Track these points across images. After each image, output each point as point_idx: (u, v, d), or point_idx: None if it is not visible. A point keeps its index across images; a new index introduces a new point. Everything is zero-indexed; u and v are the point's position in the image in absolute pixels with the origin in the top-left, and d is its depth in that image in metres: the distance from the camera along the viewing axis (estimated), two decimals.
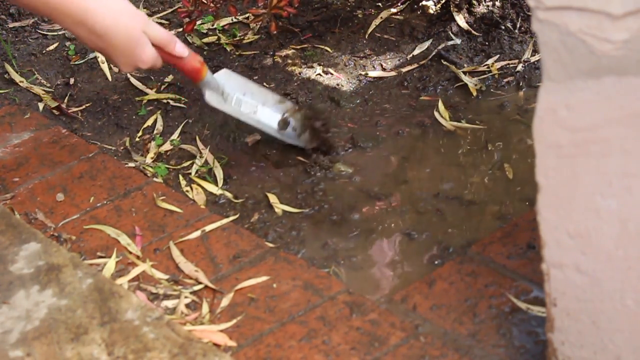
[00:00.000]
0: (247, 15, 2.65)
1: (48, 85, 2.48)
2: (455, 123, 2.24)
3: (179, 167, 2.17)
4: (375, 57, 2.48)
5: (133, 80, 2.46)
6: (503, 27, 2.49)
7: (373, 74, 2.43)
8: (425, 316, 1.72)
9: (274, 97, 2.20)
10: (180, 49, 2.03)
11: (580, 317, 1.44)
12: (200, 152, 2.20)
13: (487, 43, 2.47)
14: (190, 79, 2.10)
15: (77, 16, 1.88)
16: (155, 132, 2.28)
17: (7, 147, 2.23)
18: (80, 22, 1.89)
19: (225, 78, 2.15)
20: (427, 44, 2.48)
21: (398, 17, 2.59)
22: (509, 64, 2.41)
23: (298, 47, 2.52)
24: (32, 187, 2.10)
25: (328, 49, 2.51)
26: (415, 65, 2.43)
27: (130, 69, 1.99)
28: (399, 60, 2.47)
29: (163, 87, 2.44)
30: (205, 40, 2.60)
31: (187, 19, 2.41)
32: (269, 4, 2.32)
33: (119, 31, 1.92)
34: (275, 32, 2.37)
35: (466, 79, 2.36)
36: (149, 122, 2.31)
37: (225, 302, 1.77)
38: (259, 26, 2.62)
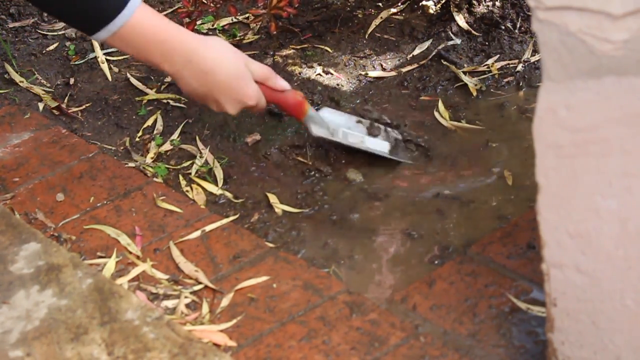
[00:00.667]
0: (247, 15, 2.65)
1: (48, 85, 2.48)
2: (455, 123, 2.24)
3: (179, 167, 2.17)
4: (375, 57, 2.48)
5: (133, 80, 2.46)
6: (503, 27, 2.49)
7: (373, 74, 2.43)
8: (425, 316, 1.72)
9: (377, 127, 2.18)
10: (281, 82, 2.06)
11: (580, 317, 1.44)
12: (200, 152, 2.20)
13: (487, 43, 2.47)
14: (293, 116, 2.10)
15: (185, 55, 1.94)
16: (155, 132, 2.28)
17: (7, 147, 2.23)
18: (188, 61, 1.94)
19: (328, 114, 2.14)
20: (427, 44, 2.48)
21: (398, 17, 2.59)
22: (509, 64, 2.41)
23: (298, 47, 2.52)
24: (32, 187, 2.10)
25: (328, 49, 2.51)
26: (415, 65, 2.43)
27: (236, 108, 2.00)
28: (399, 60, 2.47)
29: (163, 87, 2.43)
30: None
31: (187, 20, 2.41)
32: (269, 4, 2.32)
33: (224, 65, 1.97)
34: (275, 32, 2.37)
35: (466, 79, 2.36)
36: (149, 122, 2.31)
37: (225, 302, 1.77)
38: (258, 26, 2.62)
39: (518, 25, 2.49)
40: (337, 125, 2.14)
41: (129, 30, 1.90)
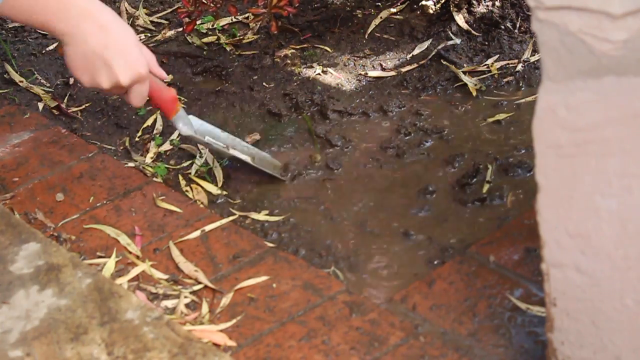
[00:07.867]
0: (246, 14, 2.65)
1: (48, 85, 2.48)
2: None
3: (178, 167, 2.18)
4: (375, 57, 2.48)
5: None
6: (503, 27, 2.49)
7: (373, 73, 2.43)
8: (425, 316, 1.72)
9: (241, 142, 2.15)
10: (162, 71, 1.98)
11: (580, 317, 1.44)
12: (200, 152, 2.20)
13: (486, 43, 2.47)
14: (163, 111, 2.03)
15: (83, 9, 1.81)
16: (154, 131, 2.28)
17: (7, 147, 2.23)
18: (86, 15, 1.81)
19: (197, 121, 2.10)
20: (426, 44, 2.49)
21: (398, 17, 2.59)
22: (508, 63, 2.41)
23: (298, 47, 2.52)
24: (31, 187, 2.10)
25: (328, 49, 2.51)
26: (415, 65, 2.43)
27: (128, 75, 1.85)
28: (398, 60, 2.47)
29: None
30: (205, 40, 2.60)
31: (187, 19, 2.41)
32: (269, 4, 2.32)
33: (122, 24, 1.86)
34: (275, 32, 2.37)
35: (466, 78, 2.36)
36: (149, 122, 2.32)
37: (225, 302, 1.77)
38: (258, 26, 2.62)
39: (518, 25, 2.49)
40: (203, 131, 2.09)
41: None
